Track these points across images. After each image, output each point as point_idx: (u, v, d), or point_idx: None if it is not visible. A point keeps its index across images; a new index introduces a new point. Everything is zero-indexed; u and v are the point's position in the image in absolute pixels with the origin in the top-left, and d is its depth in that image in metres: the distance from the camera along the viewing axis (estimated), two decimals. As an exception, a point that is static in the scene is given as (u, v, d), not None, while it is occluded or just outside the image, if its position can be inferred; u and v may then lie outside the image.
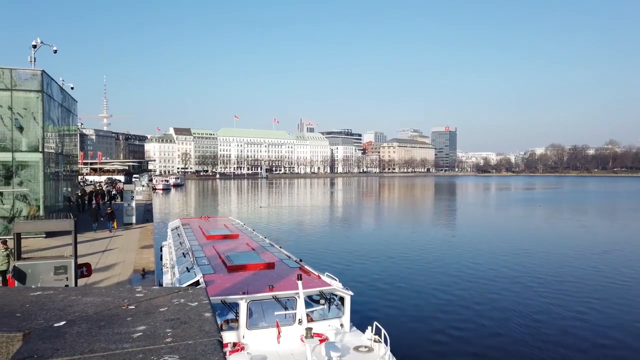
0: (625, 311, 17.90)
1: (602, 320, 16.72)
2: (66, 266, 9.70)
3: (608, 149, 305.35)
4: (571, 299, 19.24)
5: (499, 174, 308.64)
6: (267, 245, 16.80)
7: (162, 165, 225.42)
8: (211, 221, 24.13)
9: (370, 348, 9.93)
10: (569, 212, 60.72)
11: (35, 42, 26.06)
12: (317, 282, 11.63)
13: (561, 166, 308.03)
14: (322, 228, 44.33)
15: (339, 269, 21.88)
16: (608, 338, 15.12)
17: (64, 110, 29.87)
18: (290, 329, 10.15)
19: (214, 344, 1.70)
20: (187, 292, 2.47)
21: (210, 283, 10.96)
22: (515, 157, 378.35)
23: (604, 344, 14.63)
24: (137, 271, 16.01)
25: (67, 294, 2.56)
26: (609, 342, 14.77)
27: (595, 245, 32.66)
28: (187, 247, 15.68)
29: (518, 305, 18.23)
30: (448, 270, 24.44)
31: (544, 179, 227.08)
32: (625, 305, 18.62)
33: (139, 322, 2.01)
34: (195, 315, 2.08)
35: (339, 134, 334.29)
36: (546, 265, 25.77)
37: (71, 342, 1.84)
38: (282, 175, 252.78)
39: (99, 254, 18.85)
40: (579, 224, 46.96)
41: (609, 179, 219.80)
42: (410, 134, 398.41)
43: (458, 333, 15.40)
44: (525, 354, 13.89)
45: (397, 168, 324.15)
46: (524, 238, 36.66)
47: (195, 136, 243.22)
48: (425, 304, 18.57)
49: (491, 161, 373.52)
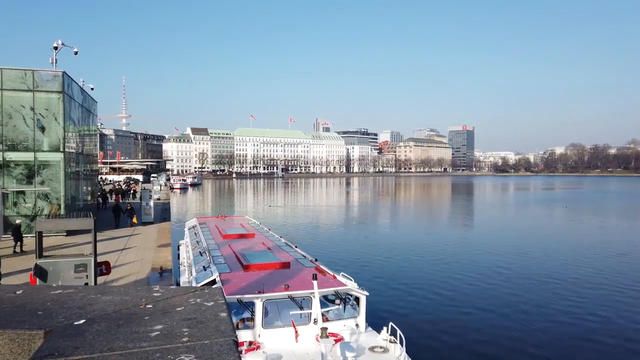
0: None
1: (628, 323, 16.38)
2: (86, 264, 9.88)
3: (630, 149, 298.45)
4: (591, 301, 18.87)
5: (518, 174, 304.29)
6: (283, 244, 16.85)
7: (179, 164, 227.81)
8: (227, 220, 24.31)
9: (385, 349, 9.88)
10: (590, 212, 59.55)
11: (56, 43, 26.56)
12: (332, 282, 11.62)
13: (582, 166, 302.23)
14: (338, 228, 44.29)
15: (354, 269, 21.83)
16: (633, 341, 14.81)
17: (84, 111, 30.40)
18: (305, 329, 10.17)
19: (230, 344, 1.72)
20: (203, 292, 2.50)
21: (226, 282, 11.04)
22: (534, 156, 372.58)
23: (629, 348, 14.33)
24: (155, 269, 16.21)
25: (86, 293, 2.61)
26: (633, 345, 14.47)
27: (617, 247, 31.99)
28: (203, 246, 15.83)
29: (538, 308, 17.95)
30: (466, 271, 24.19)
31: (564, 178, 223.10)
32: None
33: (157, 321, 2.04)
34: (211, 315, 2.10)
35: (355, 133, 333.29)
36: (567, 267, 25.33)
37: (91, 340, 1.88)
38: (298, 174, 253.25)
39: (118, 252, 19.14)
40: (599, 225, 46.03)
41: (632, 179, 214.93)
42: (427, 133, 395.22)
43: (475, 336, 15.23)
44: (543, 356, 13.68)
45: (414, 168, 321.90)
46: (544, 239, 36.07)
47: (212, 136, 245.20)
48: (442, 306, 18.40)
49: (509, 161, 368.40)
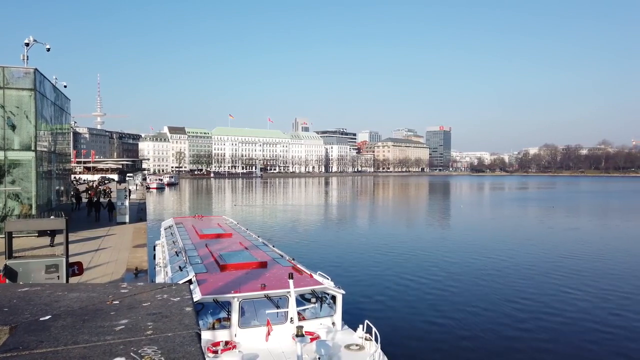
0: (618, 311, 18.09)
1: (590, 317, 16.92)
2: (57, 265, 9.70)
3: (601, 149, 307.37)
4: (565, 297, 19.43)
5: (493, 174, 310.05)
6: (260, 244, 16.86)
7: (156, 164, 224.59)
8: (205, 220, 24.14)
9: (361, 346, 10.01)
10: (562, 211, 61.11)
11: (28, 40, 25.91)
12: (309, 280, 11.70)
13: (554, 166, 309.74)
14: (316, 227, 44.40)
15: (331, 268, 21.96)
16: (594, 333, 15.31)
17: (56, 109, 29.73)
18: (282, 328, 10.21)
19: (192, 336, 1.77)
20: (170, 288, 2.54)
21: (202, 282, 11.01)
22: (509, 156, 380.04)
23: (595, 341, 14.81)
24: (129, 270, 15.99)
25: (53, 290, 2.62)
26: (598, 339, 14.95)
27: (591, 245, 32.96)
28: (180, 246, 15.71)
29: (511, 304, 18.38)
30: (442, 270, 24.58)
31: (537, 178, 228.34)
32: (619, 305, 18.82)
33: (122, 316, 2.08)
34: (177, 309, 2.14)
35: (334, 133, 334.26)
36: (542, 265, 25.97)
37: (55, 334, 1.91)
38: (277, 174, 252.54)
39: (92, 253, 18.82)
40: (571, 223, 47.29)
41: (602, 178, 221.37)
42: (405, 133, 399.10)
43: (449, 332, 15.53)
44: (517, 350, 14.04)
45: (392, 167, 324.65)
46: (519, 237, 36.86)
47: (190, 135, 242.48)
48: (417, 303, 18.69)
49: (485, 161, 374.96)
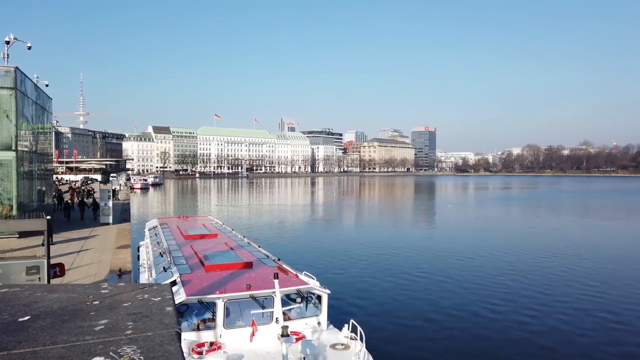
0: (593, 308, 18.43)
1: (566, 316, 17.22)
2: (38, 266, 9.56)
3: (582, 150, 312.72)
4: (541, 294, 19.74)
5: (477, 174, 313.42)
6: (246, 244, 16.81)
7: (140, 164, 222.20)
8: (190, 221, 23.98)
9: (346, 346, 10.05)
10: (547, 211, 62.08)
11: (8, 38, 25.43)
12: (294, 281, 11.71)
13: (537, 166, 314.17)
14: (302, 227, 44.41)
15: (317, 268, 22.00)
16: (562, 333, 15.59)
17: (38, 108, 29.25)
18: (267, 328, 10.21)
19: (172, 335, 1.78)
20: (151, 289, 2.54)
21: (187, 283, 10.95)
22: (492, 157, 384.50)
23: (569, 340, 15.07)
24: (113, 271, 15.81)
25: (32, 291, 2.60)
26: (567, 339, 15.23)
27: (569, 244, 33.54)
28: (164, 246, 15.60)
29: (492, 303, 18.62)
30: (426, 269, 24.80)
31: (520, 178, 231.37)
32: (596, 302, 19.18)
33: (102, 316, 2.08)
34: (157, 309, 2.15)
35: (320, 133, 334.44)
36: (523, 263, 26.35)
37: (34, 335, 1.91)
38: (263, 174, 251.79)
39: (74, 254, 18.55)
40: (556, 223, 48.06)
41: (583, 178, 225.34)
42: (391, 133, 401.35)
43: (433, 331, 15.68)
44: (499, 348, 14.22)
45: (378, 168, 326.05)
46: (505, 238, 37.33)
47: (175, 135, 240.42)
48: (403, 303, 18.82)
49: (469, 161, 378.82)
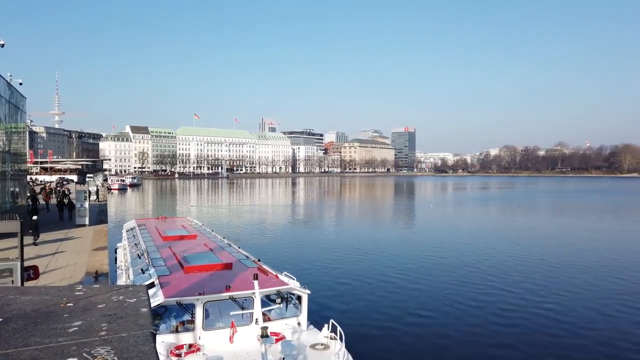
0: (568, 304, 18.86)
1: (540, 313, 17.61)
2: (11, 269, 9.34)
3: (557, 150, 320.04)
4: (519, 293, 20.13)
5: (456, 174, 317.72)
6: (225, 245, 16.71)
7: (118, 164, 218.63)
8: (168, 222, 23.70)
9: (326, 345, 10.10)
10: (521, 211, 63.29)
11: (-21, 35, 24.76)
12: (274, 281, 11.70)
13: (514, 166, 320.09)
14: (283, 228, 44.32)
15: (298, 268, 21.98)
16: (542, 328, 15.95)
17: (11, 107, 28.57)
18: (247, 329, 10.18)
19: (146, 336, 1.79)
20: (127, 290, 2.53)
21: (165, 284, 10.83)
22: (471, 157, 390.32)
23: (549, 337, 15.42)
24: (89, 274, 15.53)
25: (5, 294, 2.56)
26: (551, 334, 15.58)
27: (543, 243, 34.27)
28: (142, 248, 15.39)
29: (471, 303, 18.90)
30: (405, 269, 25.02)
31: (498, 179, 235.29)
32: (570, 298, 19.63)
33: (76, 318, 2.06)
34: (132, 310, 2.15)
35: (301, 133, 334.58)
36: (502, 263, 26.80)
37: (6, 337, 1.89)
38: (244, 175, 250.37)
39: (49, 257, 18.17)
40: (522, 222, 49.03)
41: (558, 179, 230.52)
42: (371, 134, 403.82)
43: (412, 329, 15.85)
44: (474, 347, 14.45)
45: (358, 168, 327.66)
46: (481, 237, 37.90)
47: (153, 135, 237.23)
48: (382, 302, 18.96)
49: (448, 161, 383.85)
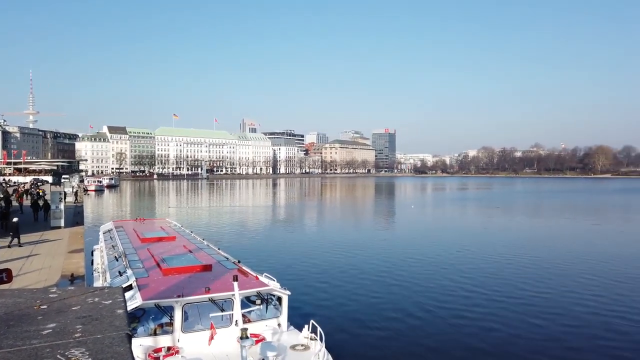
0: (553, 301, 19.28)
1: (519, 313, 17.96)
2: (-17, 272, 9.09)
3: (533, 152, 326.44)
4: (497, 292, 20.49)
5: (435, 175, 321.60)
6: (205, 246, 16.60)
7: (94, 165, 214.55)
8: (147, 223, 23.43)
9: (306, 346, 10.13)
10: (499, 210, 64.42)
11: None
12: (254, 282, 11.68)
13: (492, 167, 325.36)
14: (263, 229, 44.16)
15: (278, 270, 21.91)
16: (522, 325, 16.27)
17: (-18, 106, 27.87)
18: (226, 331, 10.13)
19: (122, 337, 1.77)
20: (102, 292, 2.50)
21: (143, 287, 10.72)
22: (450, 158, 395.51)
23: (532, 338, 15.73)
24: (65, 276, 15.22)
25: (-24, 297, 2.50)
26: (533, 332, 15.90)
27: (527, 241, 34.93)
28: (120, 250, 15.18)
29: (449, 300, 19.16)
30: (385, 269, 25.21)
31: (476, 179, 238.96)
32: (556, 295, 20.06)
33: (50, 320, 2.03)
34: (108, 312, 2.13)
35: (282, 134, 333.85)
36: (483, 262, 27.21)
37: (-23, 341, 1.84)
38: (224, 175, 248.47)
39: (23, 260, 17.73)
40: (506, 223, 49.93)
41: (534, 179, 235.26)
42: (352, 135, 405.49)
43: (392, 329, 15.98)
44: (453, 347, 14.65)
45: (339, 169, 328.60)
46: (461, 237, 38.39)
47: (131, 135, 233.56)
48: (362, 302, 19.06)
49: (428, 162, 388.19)
